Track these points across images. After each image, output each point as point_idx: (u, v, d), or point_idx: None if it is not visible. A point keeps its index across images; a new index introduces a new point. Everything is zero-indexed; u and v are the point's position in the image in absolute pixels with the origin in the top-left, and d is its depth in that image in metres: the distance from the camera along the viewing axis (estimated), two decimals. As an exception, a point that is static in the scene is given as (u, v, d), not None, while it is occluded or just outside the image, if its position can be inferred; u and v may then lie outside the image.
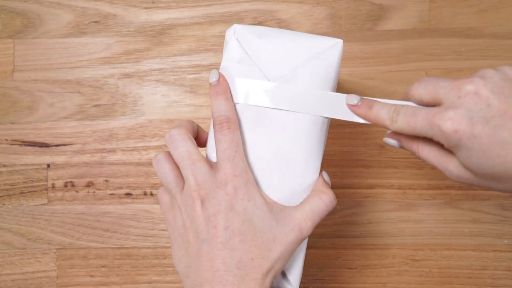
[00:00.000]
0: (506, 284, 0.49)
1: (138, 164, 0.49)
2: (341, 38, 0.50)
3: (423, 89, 0.32)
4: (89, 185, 0.50)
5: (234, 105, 0.35)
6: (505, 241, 0.49)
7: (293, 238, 0.32)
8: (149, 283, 0.49)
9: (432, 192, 0.49)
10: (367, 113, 0.34)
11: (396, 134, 0.34)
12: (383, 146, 0.50)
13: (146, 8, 0.50)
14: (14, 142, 0.50)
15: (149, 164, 0.50)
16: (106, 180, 0.50)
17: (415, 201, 0.49)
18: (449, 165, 0.31)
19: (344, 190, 0.49)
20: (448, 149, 0.30)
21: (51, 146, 0.50)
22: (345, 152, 0.49)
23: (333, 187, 0.49)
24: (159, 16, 0.50)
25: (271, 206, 0.33)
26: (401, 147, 0.35)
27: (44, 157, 0.50)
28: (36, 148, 0.50)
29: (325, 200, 0.33)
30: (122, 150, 0.50)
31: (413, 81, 0.50)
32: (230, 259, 0.31)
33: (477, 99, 0.28)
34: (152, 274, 0.49)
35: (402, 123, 0.31)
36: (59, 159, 0.50)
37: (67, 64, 0.50)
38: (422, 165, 0.49)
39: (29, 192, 0.50)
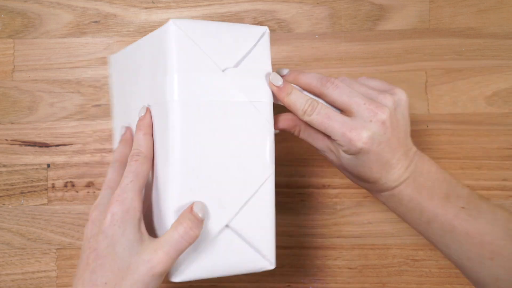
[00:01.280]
0: (506, 284, 0.49)
1: (138, 164, 0.49)
2: (341, 38, 0.50)
3: (337, 95, 0.36)
4: (89, 185, 0.50)
5: (153, 141, 0.36)
6: (505, 241, 0.49)
7: (144, 270, 0.32)
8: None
9: (432, 192, 0.49)
10: (284, 98, 0.37)
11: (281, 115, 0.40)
12: (383, 146, 0.50)
13: (146, 8, 0.50)
14: (14, 142, 0.50)
15: (149, 164, 0.49)
16: (106, 180, 0.50)
17: (415, 201, 0.49)
18: (331, 154, 0.38)
19: (344, 190, 0.49)
20: (334, 146, 0.37)
21: (51, 146, 0.50)
22: (345, 152, 0.49)
23: (333, 187, 0.49)
24: (159, 16, 0.50)
25: (142, 238, 0.33)
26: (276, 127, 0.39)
27: (44, 157, 0.50)
28: (36, 148, 0.50)
29: (179, 231, 0.32)
30: (122, 150, 0.50)
31: (413, 81, 0.50)
32: (88, 281, 0.32)
33: (381, 127, 0.35)
34: (152, 274, 0.49)
35: (315, 120, 0.36)
36: (59, 159, 0.50)
37: (67, 64, 0.50)
38: (422, 165, 0.49)
39: (29, 192, 0.50)
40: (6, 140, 0.50)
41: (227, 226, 0.35)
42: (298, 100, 0.37)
